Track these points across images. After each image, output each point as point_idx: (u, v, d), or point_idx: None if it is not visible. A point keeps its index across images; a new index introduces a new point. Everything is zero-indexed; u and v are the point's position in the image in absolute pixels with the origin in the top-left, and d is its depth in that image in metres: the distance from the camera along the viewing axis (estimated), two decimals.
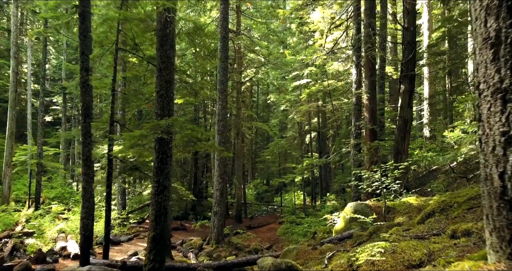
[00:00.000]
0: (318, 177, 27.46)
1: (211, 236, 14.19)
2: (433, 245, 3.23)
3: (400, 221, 7.11)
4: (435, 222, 4.90)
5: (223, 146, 14.30)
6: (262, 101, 43.46)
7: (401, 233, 4.65)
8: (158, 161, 6.74)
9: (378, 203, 8.52)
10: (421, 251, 3.11)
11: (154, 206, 6.64)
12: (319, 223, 16.11)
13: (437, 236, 3.92)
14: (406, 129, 12.12)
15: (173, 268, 8.07)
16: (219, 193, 14.15)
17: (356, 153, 12.57)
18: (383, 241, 4.14)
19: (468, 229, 3.21)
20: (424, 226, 4.75)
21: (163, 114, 6.75)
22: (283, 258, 7.26)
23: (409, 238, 4.10)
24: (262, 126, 24.21)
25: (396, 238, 4.08)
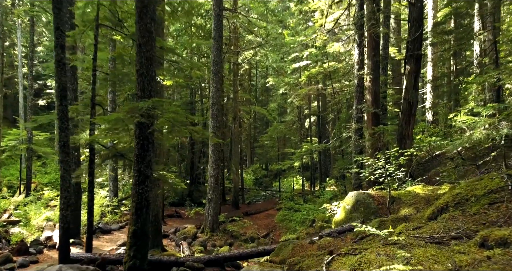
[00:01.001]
0: (318, 162, 26.87)
1: (206, 224, 13.66)
2: (458, 256, 2.58)
3: (406, 214, 6.48)
4: (451, 219, 4.25)
5: (218, 130, 13.63)
6: (261, 85, 42.57)
7: (412, 233, 4.00)
8: (138, 148, 6.05)
9: (381, 192, 7.89)
10: (443, 265, 2.45)
11: (135, 198, 5.99)
12: (318, 210, 15.58)
13: (458, 240, 3.27)
14: (411, 113, 11.39)
15: (160, 263, 7.50)
16: (214, 179, 13.55)
17: (358, 138, 11.89)
18: (394, 245, 3.49)
19: (504, 237, 2.55)
20: (438, 224, 4.09)
21: (143, 96, 6.03)
22: (277, 255, 6.67)
23: (423, 241, 3.45)
24: (260, 110, 23.47)
25: (408, 242, 3.43)
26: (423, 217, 5.48)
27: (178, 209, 20.79)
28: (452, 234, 3.54)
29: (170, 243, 12.34)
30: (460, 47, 19.98)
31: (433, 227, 4.05)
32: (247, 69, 31.00)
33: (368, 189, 11.44)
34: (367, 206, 7.48)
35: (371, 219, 7.27)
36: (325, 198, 16.26)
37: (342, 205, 8.21)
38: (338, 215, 8.20)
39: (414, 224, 4.50)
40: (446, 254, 2.70)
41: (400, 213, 6.73)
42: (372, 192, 7.85)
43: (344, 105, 22.96)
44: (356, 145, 12.03)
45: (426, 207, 6.41)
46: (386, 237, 3.92)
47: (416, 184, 8.69)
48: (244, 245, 13.17)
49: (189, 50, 24.47)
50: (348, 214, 7.80)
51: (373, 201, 7.55)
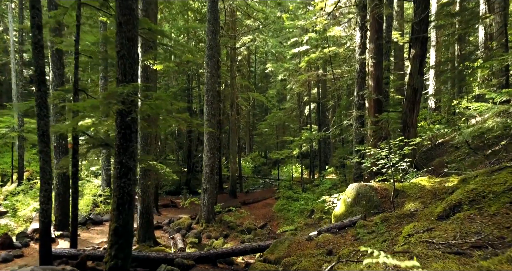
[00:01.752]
0: (317, 150, 26.37)
1: (201, 215, 13.23)
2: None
3: (412, 208, 5.98)
4: (467, 219, 3.74)
5: (213, 118, 13.07)
6: (260, 71, 41.79)
7: (423, 236, 3.49)
8: (120, 138, 5.51)
9: (384, 184, 7.38)
10: None
11: (116, 192, 5.48)
12: (317, 200, 15.14)
13: (482, 251, 2.75)
14: (415, 100, 10.83)
15: (148, 259, 7.05)
16: (209, 169, 13.05)
17: (359, 126, 11.34)
18: (403, 254, 2.98)
19: None
20: (453, 226, 3.58)
21: (125, 80, 5.46)
22: (272, 252, 6.20)
23: (439, 249, 2.94)
24: (258, 97, 22.83)
25: (421, 252, 2.92)
26: (432, 214, 4.98)
27: (174, 198, 20.40)
28: (473, 240, 3.02)
29: (163, 234, 11.91)
30: (465, 31, 19.27)
31: (448, 230, 3.54)
32: (245, 55, 30.27)
33: (369, 180, 10.96)
34: (369, 199, 6.99)
35: (373, 213, 6.79)
36: (324, 188, 15.81)
37: (342, 198, 7.72)
38: (338, 208, 7.72)
39: (424, 225, 3.98)
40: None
41: (405, 208, 6.24)
42: (374, 184, 7.35)
43: (345, 92, 22.33)
44: (357, 133, 11.49)
45: (434, 201, 5.91)
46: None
47: (421, 175, 8.19)
48: (240, 236, 12.75)
49: (186, 35, 23.71)
50: (348, 207, 7.32)
51: (375, 194, 7.06)
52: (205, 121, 12.97)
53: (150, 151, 10.05)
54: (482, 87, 19.81)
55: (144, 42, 9.74)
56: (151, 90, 9.93)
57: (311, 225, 13.01)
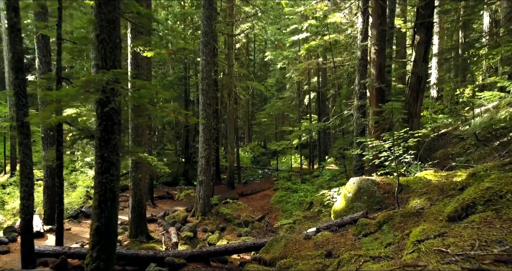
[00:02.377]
0: (317, 140, 25.92)
1: (197, 207, 12.85)
2: None
3: (418, 206, 5.56)
4: (483, 223, 3.31)
5: (209, 107, 12.59)
6: (259, 60, 41.10)
7: (435, 244, 3.06)
8: (101, 130, 5.06)
9: (387, 178, 6.95)
10: None
11: (98, 189, 5.05)
12: (316, 192, 14.77)
13: (508, 266, 2.33)
14: (419, 88, 10.36)
15: (137, 257, 6.67)
16: (205, 160, 12.62)
17: (360, 116, 10.87)
18: (414, 268, 2.55)
19: None
20: (469, 232, 3.16)
21: (105, 66, 4.99)
22: (267, 251, 5.80)
23: (456, 263, 2.51)
24: (257, 86, 22.28)
25: (435, 266, 2.49)
26: (441, 213, 4.55)
27: (171, 189, 20.04)
28: (495, 251, 2.59)
29: (157, 228, 11.55)
30: (470, 17, 18.63)
31: (463, 236, 3.11)
32: (244, 43, 29.57)
33: (370, 172, 10.54)
34: (371, 195, 6.57)
35: (375, 209, 6.38)
36: (323, 179, 15.41)
37: (343, 193, 7.30)
38: (338, 203, 7.31)
39: (434, 228, 3.55)
40: None
41: (410, 204, 5.82)
42: (376, 178, 6.92)
43: (345, 81, 21.75)
44: (358, 124, 11.03)
45: (442, 198, 5.48)
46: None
47: (426, 168, 7.77)
48: (237, 230, 12.41)
49: (182, 22, 23.04)
50: (349, 203, 6.91)
51: (377, 189, 6.63)
52: (200, 111, 12.49)
53: (141, 142, 9.61)
54: (486, 76, 19.28)
55: (134, 28, 9.22)
56: (141, 78, 9.44)
57: (310, 218, 12.65)
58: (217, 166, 20.90)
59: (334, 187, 14.42)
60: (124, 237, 9.76)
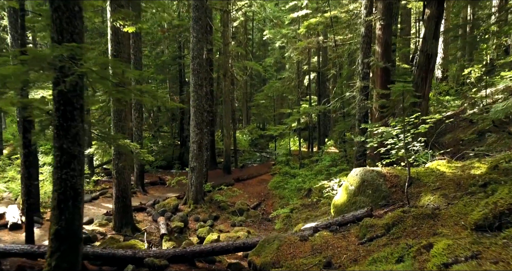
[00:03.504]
0: (316, 122, 25.08)
1: (189, 195, 12.18)
2: None
3: (431, 204, 4.81)
4: None
5: (200, 89, 11.72)
6: (258, 39, 39.83)
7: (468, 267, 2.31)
8: (59, 116, 4.26)
9: (394, 170, 6.18)
10: None
11: (57, 186, 4.29)
12: (315, 178, 14.08)
13: None
14: (428, 68, 9.48)
15: (114, 257, 5.98)
16: (197, 145, 11.86)
17: (363, 98, 10.02)
18: None
19: None
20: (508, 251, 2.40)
21: (61, 40, 4.14)
22: (258, 254, 5.08)
23: None
24: (254, 66, 21.29)
25: None
26: (463, 217, 3.80)
27: (165, 173, 19.36)
28: None
29: (146, 218, 10.89)
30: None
31: (507, 260, 2.35)
32: (242, 21, 28.33)
33: (374, 159, 9.79)
34: (376, 188, 5.82)
35: (381, 206, 5.64)
36: (323, 165, 14.69)
37: (344, 185, 6.55)
38: (338, 197, 6.57)
39: (462, 244, 2.79)
40: None
41: (421, 201, 5.07)
42: (382, 170, 6.15)
43: (346, 61, 20.71)
44: (360, 107, 10.18)
45: (460, 195, 4.72)
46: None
47: (437, 157, 6.99)
48: (231, 218, 11.77)
49: None
50: (351, 196, 6.16)
51: (384, 182, 5.87)
52: (191, 93, 11.64)
53: (124, 127, 8.80)
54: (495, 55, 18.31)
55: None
56: (123, 57, 8.55)
57: (308, 206, 12.00)
58: (213, 150, 20.17)
59: (334, 173, 13.73)
60: (108, 229, 9.09)
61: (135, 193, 13.63)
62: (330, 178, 11.04)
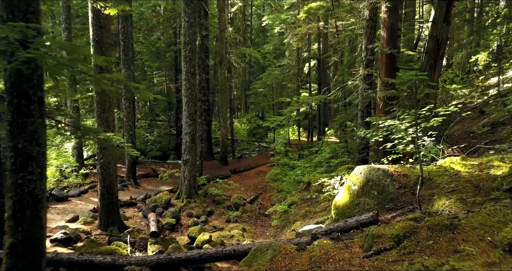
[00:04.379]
0: (316, 110, 24.39)
1: (182, 189, 11.60)
2: None
3: (447, 210, 4.19)
4: None
5: (193, 77, 11.02)
6: (257, 26, 38.84)
7: None
8: (12, 111, 3.61)
9: (402, 168, 5.56)
10: None
11: (12, 193, 3.68)
12: (314, 171, 13.49)
13: None
14: (438, 55, 8.77)
15: (91, 265, 5.40)
16: (190, 137, 11.22)
17: (367, 88, 9.34)
18: None
19: None
20: None
21: (13, 19, 3.47)
22: (250, 264, 4.49)
23: None
24: (252, 52, 20.49)
25: None
26: (488, 230, 3.19)
27: (160, 164, 18.78)
28: None
29: (136, 214, 10.32)
30: None
31: None
32: (240, 6, 27.40)
33: (377, 152, 9.16)
34: (382, 189, 5.20)
35: (388, 209, 5.03)
36: (323, 157, 14.08)
37: (346, 184, 5.93)
38: (340, 197, 5.96)
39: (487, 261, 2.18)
40: None
41: (435, 206, 4.46)
42: (389, 168, 5.52)
43: (347, 47, 19.88)
44: (364, 96, 9.51)
45: (481, 200, 4.11)
46: None
47: (447, 153, 6.37)
48: (226, 214, 11.22)
49: None
50: (354, 197, 5.55)
51: (391, 182, 5.25)
52: (183, 82, 10.94)
53: (109, 119, 8.14)
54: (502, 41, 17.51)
55: None
56: (105, 42, 7.84)
57: (307, 200, 11.43)
58: (209, 141, 19.55)
59: (334, 165, 13.14)
60: (93, 228, 8.53)
61: (126, 186, 13.05)
62: (331, 174, 10.45)
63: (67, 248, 6.97)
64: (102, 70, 7.92)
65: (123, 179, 13.56)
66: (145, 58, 20.63)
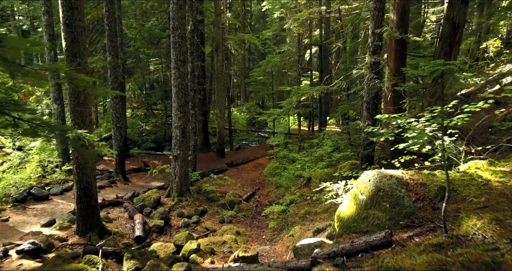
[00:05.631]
0: (317, 99, 23.41)
1: (172, 186, 10.80)
2: None
3: (480, 234, 3.34)
4: None
5: (182, 64, 10.08)
6: (257, 11, 37.61)
7: None
8: None
9: (419, 175, 4.68)
10: None
11: None
12: (315, 165, 12.65)
13: None
14: (454, 40, 7.82)
15: None
16: (180, 131, 10.35)
17: (374, 77, 8.40)
18: None
19: None
20: None
21: None
22: None
23: None
24: (250, 38, 19.43)
25: None
26: None
27: (153, 157, 17.95)
28: None
29: (122, 214, 9.52)
30: None
31: None
32: None
33: (385, 149, 8.28)
34: (396, 202, 4.35)
35: (403, 226, 4.18)
36: (324, 151, 13.21)
37: (352, 192, 5.07)
38: (345, 207, 5.11)
39: None
40: None
41: (463, 227, 3.61)
42: (404, 175, 4.64)
43: (350, 34, 18.74)
44: (370, 86, 8.57)
45: None
46: None
47: (467, 154, 5.49)
48: (220, 213, 10.44)
49: None
50: (362, 209, 4.70)
51: (407, 192, 4.39)
52: (172, 70, 10.02)
53: (84, 113, 7.26)
54: None
55: None
56: (77, 25, 6.90)
57: (308, 198, 10.64)
58: (205, 132, 18.67)
59: (336, 159, 12.28)
60: (70, 233, 7.73)
61: (114, 182, 12.24)
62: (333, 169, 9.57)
63: (35, 260, 6.18)
64: (74, 58, 7.03)
65: (111, 175, 12.75)
66: (138, 44, 19.59)
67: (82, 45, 7.10)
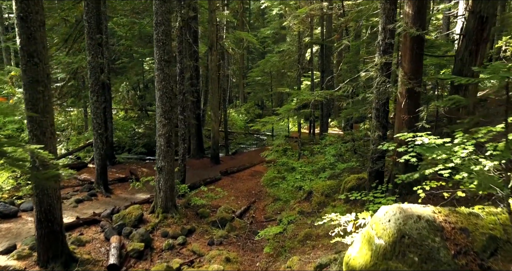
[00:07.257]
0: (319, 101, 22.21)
1: (157, 202, 9.66)
2: None
3: None
4: None
5: (167, 65, 8.93)
6: (256, 9, 36.46)
7: None
8: None
9: (455, 216, 3.53)
10: None
11: None
12: (316, 177, 11.51)
13: None
14: (481, 37, 6.69)
15: None
16: (164, 140, 9.21)
17: (385, 81, 7.25)
18: None
19: None
20: None
21: None
22: None
23: None
24: (247, 37, 18.28)
25: None
26: None
27: (144, 164, 16.83)
28: None
29: (97, 236, 8.38)
30: None
31: None
32: None
33: (397, 165, 7.12)
34: (428, 255, 3.21)
35: None
36: (326, 160, 12.04)
37: (367, 233, 3.92)
38: (356, 253, 3.95)
39: None
40: None
41: None
42: (436, 216, 3.49)
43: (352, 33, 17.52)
44: (380, 91, 7.43)
45: None
46: None
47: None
48: (210, 232, 9.31)
49: None
50: (379, 259, 3.55)
51: (442, 242, 3.24)
52: (156, 71, 8.89)
53: (44, 124, 6.13)
54: None
55: None
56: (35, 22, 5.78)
57: (308, 214, 9.54)
58: (199, 136, 17.52)
59: (340, 170, 11.15)
60: (30, 263, 6.61)
61: (95, 195, 11.11)
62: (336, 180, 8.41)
63: None
64: (31, 58, 5.89)
65: (92, 186, 11.62)
66: (128, 43, 18.45)
67: (41, 43, 5.97)
